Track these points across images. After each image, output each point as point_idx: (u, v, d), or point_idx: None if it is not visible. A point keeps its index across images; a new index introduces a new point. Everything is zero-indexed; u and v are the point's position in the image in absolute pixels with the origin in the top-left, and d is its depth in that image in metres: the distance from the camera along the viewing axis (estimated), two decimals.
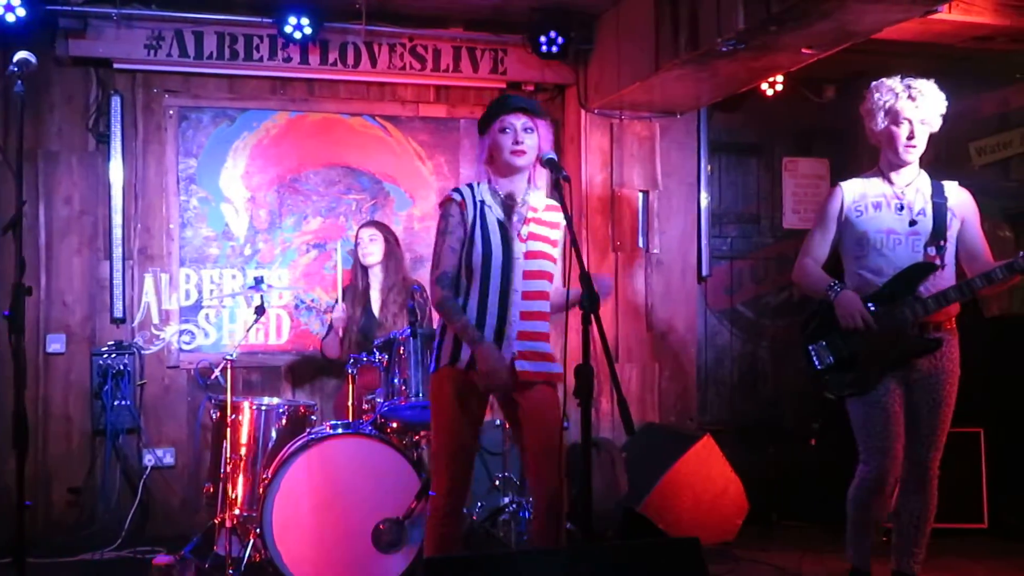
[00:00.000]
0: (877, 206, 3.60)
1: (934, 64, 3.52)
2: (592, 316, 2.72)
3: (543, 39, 5.36)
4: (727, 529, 5.02)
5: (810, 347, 3.71)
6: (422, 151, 5.82)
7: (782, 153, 6.45)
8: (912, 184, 3.60)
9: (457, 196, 3.30)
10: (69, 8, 5.00)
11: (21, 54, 3.15)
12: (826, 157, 6.46)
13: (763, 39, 4.28)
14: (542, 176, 3.42)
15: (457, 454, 3.27)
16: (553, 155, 3.20)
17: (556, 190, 3.10)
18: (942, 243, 3.53)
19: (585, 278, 2.79)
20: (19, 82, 3.15)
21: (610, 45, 5.37)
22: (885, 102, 3.54)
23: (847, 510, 3.67)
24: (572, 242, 2.96)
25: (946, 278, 3.55)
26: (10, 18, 4.77)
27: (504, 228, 3.26)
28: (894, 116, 3.54)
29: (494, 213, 3.27)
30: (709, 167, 6.10)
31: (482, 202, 3.28)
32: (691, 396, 5.86)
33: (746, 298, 6.37)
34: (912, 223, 3.54)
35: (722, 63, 4.66)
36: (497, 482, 4.71)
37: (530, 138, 3.23)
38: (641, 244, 5.75)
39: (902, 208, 3.57)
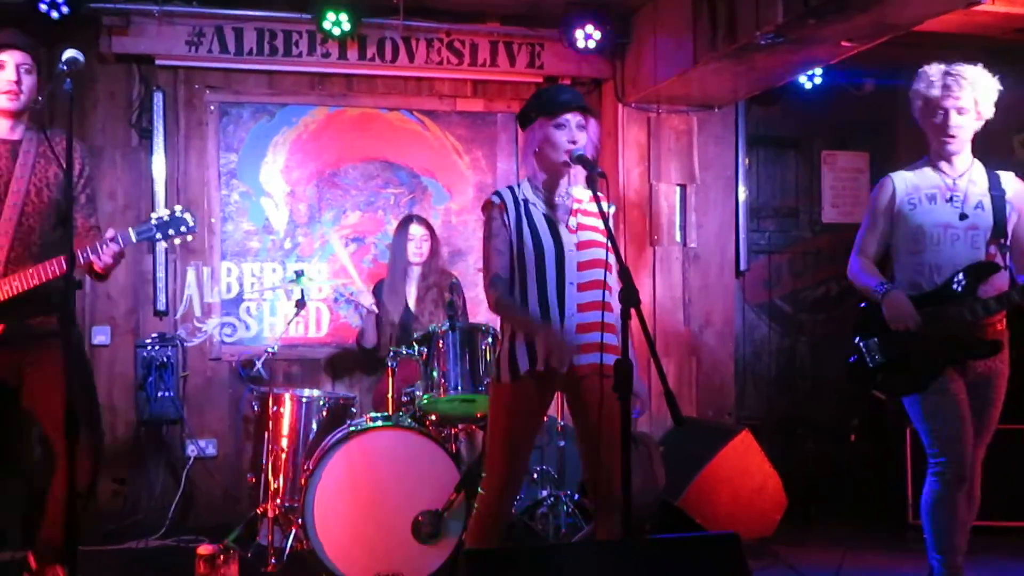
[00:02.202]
0: (932, 198, 3.43)
1: (977, 57, 3.45)
2: (633, 310, 2.72)
3: (580, 33, 5.35)
4: (765, 524, 5.00)
5: (861, 344, 3.51)
6: (459, 145, 5.84)
7: (821, 147, 6.40)
8: (965, 175, 3.44)
9: (496, 199, 3.25)
10: (112, 5, 5.08)
11: (69, 52, 3.19)
12: (865, 151, 6.40)
13: (802, 32, 4.25)
14: (580, 171, 3.36)
15: (512, 459, 3.25)
16: (583, 151, 3.15)
17: (591, 186, 3.10)
18: (1003, 241, 3.38)
19: (624, 273, 2.79)
20: (68, 80, 3.19)
21: (647, 39, 5.35)
22: (922, 91, 3.42)
23: (926, 521, 3.41)
24: (609, 237, 2.97)
25: (1002, 276, 3.39)
26: (54, 15, 4.84)
27: (552, 222, 3.22)
28: (931, 105, 3.41)
29: (539, 209, 3.24)
30: (747, 161, 6.07)
31: (525, 200, 3.25)
32: (728, 391, 5.84)
33: (784, 292, 6.33)
34: (963, 216, 3.38)
35: (760, 56, 4.64)
36: (535, 475, 4.72)
37: (582, 136, 3.20)
38: (678, 238, 5.74)
39: (952, 200, 3.40)
